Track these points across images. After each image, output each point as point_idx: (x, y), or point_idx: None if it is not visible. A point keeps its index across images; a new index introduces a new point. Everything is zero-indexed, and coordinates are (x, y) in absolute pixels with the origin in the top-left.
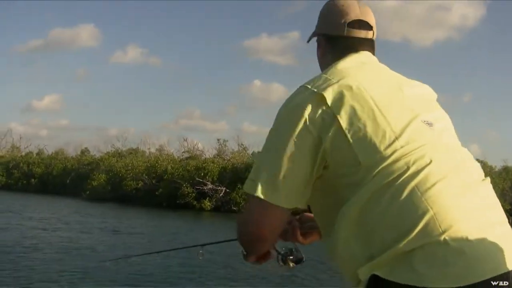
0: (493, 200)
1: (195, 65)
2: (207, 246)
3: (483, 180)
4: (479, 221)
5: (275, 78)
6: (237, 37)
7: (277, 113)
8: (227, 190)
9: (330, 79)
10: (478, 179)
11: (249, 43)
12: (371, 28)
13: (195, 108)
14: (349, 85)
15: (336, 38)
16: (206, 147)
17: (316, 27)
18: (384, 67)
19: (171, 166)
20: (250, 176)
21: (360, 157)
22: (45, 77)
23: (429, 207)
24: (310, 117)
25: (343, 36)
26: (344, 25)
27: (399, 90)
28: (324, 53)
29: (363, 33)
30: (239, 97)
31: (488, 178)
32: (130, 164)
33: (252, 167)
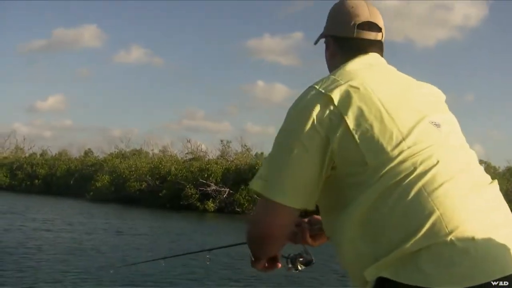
0: (500, 202)
1: (198, 65)
2: (213, 250)
3: (491, 182)
4: (486, 222)
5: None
6: (239, 37)
7: (286, 114)
8: (231, 191)
9: (338, 80)
10: (486, 180)
11: (251, 43)
12: (380, 30)
13: (198, 109)
14: (357, 86)
15: (345, 40)
16: (210, 148)
17: (325, 28)
18: (392, 69)
19: (174, 167)
20: (259, 175)
21: (367, 157)
22: (48, 77)
23: (435, 207)
24: (318, 117)
25: (352, 37)
26: (354, 26)
27: (407, 91)
28: (332, 54)
29: (372, 35)
30: (242, 97)
31: (496, 181)
32: (133, 165)
33: (260, 166)
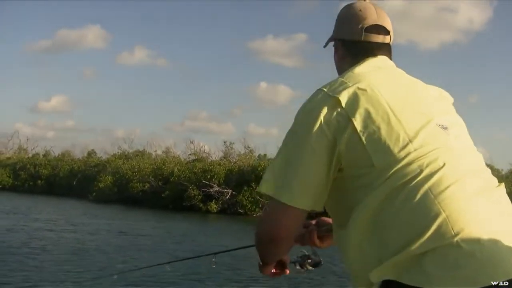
0: (507, 205)
1: (201, 66)
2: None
3: (498, 185)
4: (492, 225)
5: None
6: (243, 39)
7: (295, 116)
8: (234, 192)
9: (346, 83)
10: (493, 183)
11: (255, 44)
12: (388, 32)
13: (201, 110)
14: (364, 88)
15: (353, 43)
16: (213, 149)
17: (334, 31)
18: (400, 72)
19: (177, 168)
20: (266, 177)
21: (373, 159)
22: (51, 78)
23: (442, 209)
24: (326, 119)
25: (361, 41)
26: (362, 30)
27: (415, 94)
28: (341, 57)
29: (380, 37)
30: (245, 98)
31: (503, 184)
32: (136, 166)
33: (265, 168)
